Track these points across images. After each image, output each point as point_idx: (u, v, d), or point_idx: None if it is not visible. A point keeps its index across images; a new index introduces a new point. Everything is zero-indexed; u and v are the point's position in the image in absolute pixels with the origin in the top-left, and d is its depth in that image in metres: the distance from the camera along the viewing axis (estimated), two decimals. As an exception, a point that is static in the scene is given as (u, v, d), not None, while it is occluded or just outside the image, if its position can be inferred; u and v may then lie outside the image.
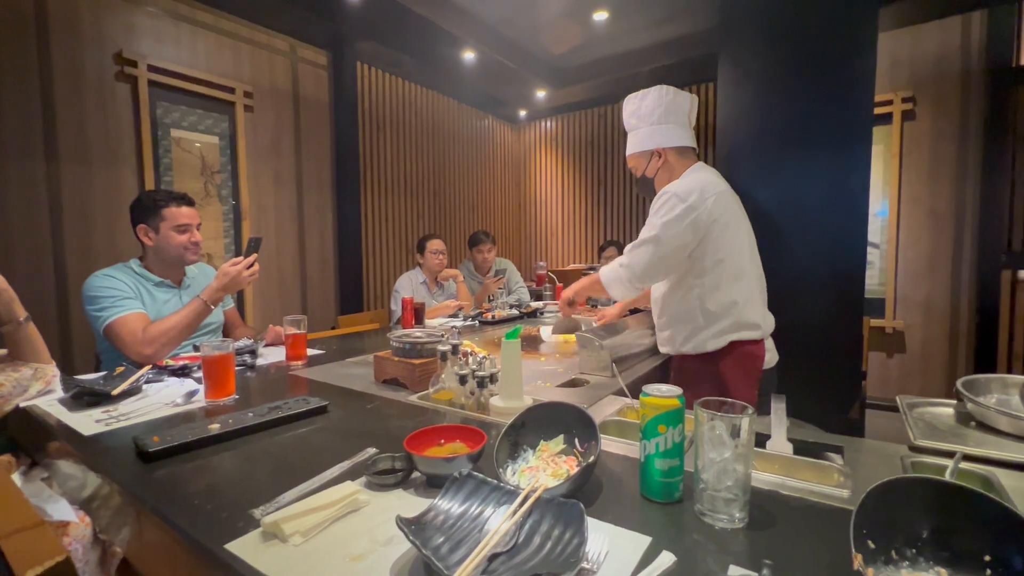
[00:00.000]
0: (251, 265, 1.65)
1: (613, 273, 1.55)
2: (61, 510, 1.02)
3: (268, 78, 3.30)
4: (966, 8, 3.26)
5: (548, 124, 5.51)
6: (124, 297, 1.58)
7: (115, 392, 1.18)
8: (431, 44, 3.67)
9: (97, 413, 1.11)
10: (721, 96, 2.47)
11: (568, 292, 1.77)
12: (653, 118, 1.57)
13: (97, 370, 1.66)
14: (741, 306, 1.49)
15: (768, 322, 1.58)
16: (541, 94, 4.70)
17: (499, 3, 3.23)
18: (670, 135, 1.58)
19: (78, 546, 0.99)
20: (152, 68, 2.69)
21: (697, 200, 1.43)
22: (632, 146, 1.63)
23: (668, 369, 1.69)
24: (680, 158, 1.59)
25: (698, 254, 1.47)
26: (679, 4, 3.24)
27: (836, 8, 2.12)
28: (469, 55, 3.79)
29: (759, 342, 1.53)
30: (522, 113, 5.48)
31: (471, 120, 5.06)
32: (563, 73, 4.33)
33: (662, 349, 1.65)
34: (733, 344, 1.49)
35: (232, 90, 3.05)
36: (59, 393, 1.24)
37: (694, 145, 1.61)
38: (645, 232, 1.48)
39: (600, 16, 3.35)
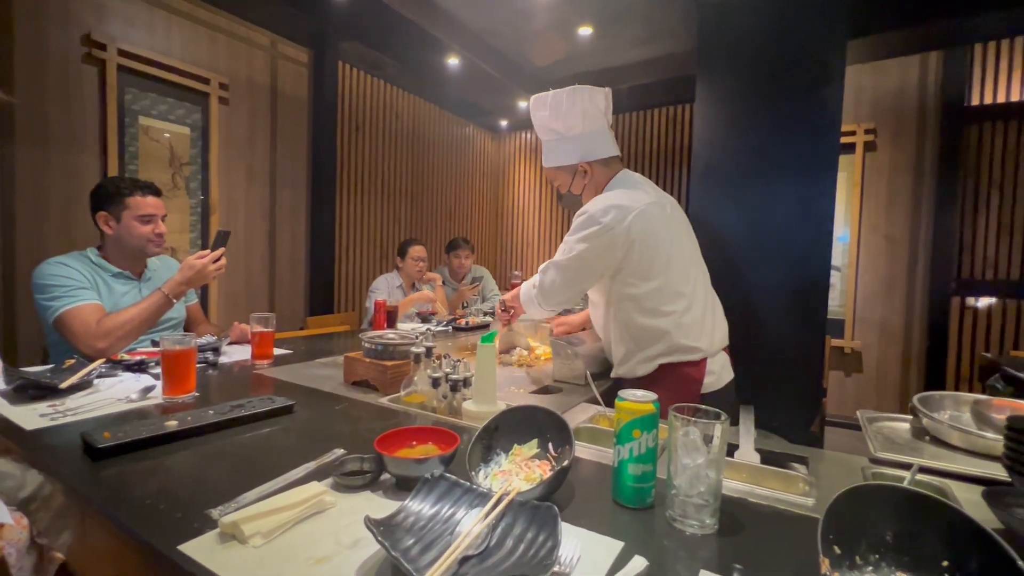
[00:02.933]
0: (218, 259, 1.60)
1: (527, 292, 1.45)
2: (-5, 511, 0.95)
3: (246, 72, 3.22)
4: (924, 48, 3.48)
5: (529, 135, 5.56)
6: (78, 287, 1.50)
7: (63, 385, 1.11)
8: (415, 48, 3.66)
9: (42, 407, 1.04)
10: (697, 117, 2.55)
11: (507, 297, 1.62)
12: (575, 128, 1.40)
13: (44, 364, 1.56)
14: (674, 329, 1.33)
15: (714, 343, 1.40)
16: (523, 104, 4.73)
17: (486, 12, 3.26)
18: (595, 146, 1.41)
19: (12, 550, 0.91)
20: (122, 53, 2.59)
21: (614, 219, 1.29)
22: (551, 159, 1.47)
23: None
24: (605, 169, 1.43)
25: (623, 276, 1.34)
26: (660, 25, 3.34)
27: (808, 38, 2.22)
28: (453, 61, 3.80)
29: (697, 364, 1.36)
30: (503, 123, 5.51)
31: (452, 127, 5.06)
32: (546, 85, 4.36)
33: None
34: (664, 368, 1.35)
35: (207, 81, 2.96)
36: (0, 385, 1.16)
37: (618, 152, 1.45)
38: (559, 252, 1.38)
39: (585, 31, 3.42)
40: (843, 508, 0.54)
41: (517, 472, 0.75)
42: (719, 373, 1.41)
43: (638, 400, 0.71)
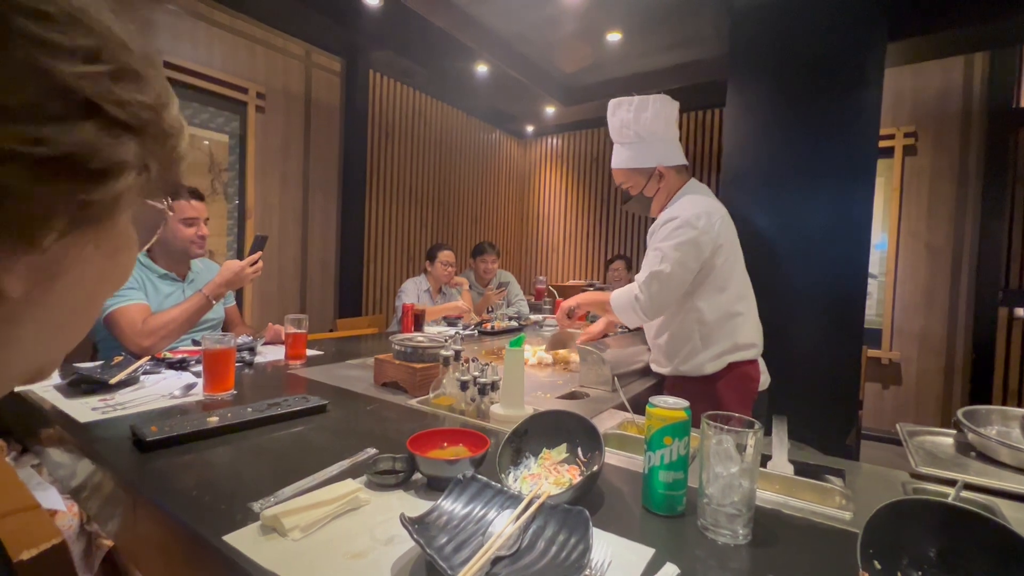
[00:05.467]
0: (255, 263, 1.65)
1: (628, 303, 1.46)
2: (49, 498, 1.00)
3: (281, 81, 3.34)
4: (970, 49, 3.34)
5: (555, 141, 5.57)
6: (128, 287, 1.58)
7: (113, 381, 1.17)
8: (444, 56, 3.72)
9: (94, 401, 1.10)
10: (728, 122, 2.51)
11: (571, 302, 1.66)
12: (656, 132, 1.48)
13: (94, 359, 1.65)
14: (739, 328, 1.48)
15: (761, 343, 1.55)
16: (550, 111, 4.75)
17: (515, 19, 3.29)
18: (671, 152, 1.51)
19: (63, 536, 0.97)
20: (168, 65, 2.71)
21: (706, 225, 1.41)
22: (627, 160, 1.52)
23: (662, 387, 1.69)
24: (678, 176, 1.53)
25: (699, 278, 1.45)
26: (691, 31, 3.31)
27: (845, 41, 2.17)
28: (481, 68, 3.84)
29: (755, 363, 1.52)
30: (529, 129, 5.53)
31: (479, 133, 5.11)
32: (573, 91, 4.39)
33: (656, 369, 1.62)
34: (731, 365, 1.48)
35: (245, 90, 3.08)
36: (56, 379, 1.23)
37: (687, 163, 1.56)
38: (654, 260, 1.42)
39: (613, 37, 3.41)
40: (884, 522, 0.53)
41: (546, 476, 0.76)
42: (765, 374, 1.55)
43: (669, 407, 0.71)
